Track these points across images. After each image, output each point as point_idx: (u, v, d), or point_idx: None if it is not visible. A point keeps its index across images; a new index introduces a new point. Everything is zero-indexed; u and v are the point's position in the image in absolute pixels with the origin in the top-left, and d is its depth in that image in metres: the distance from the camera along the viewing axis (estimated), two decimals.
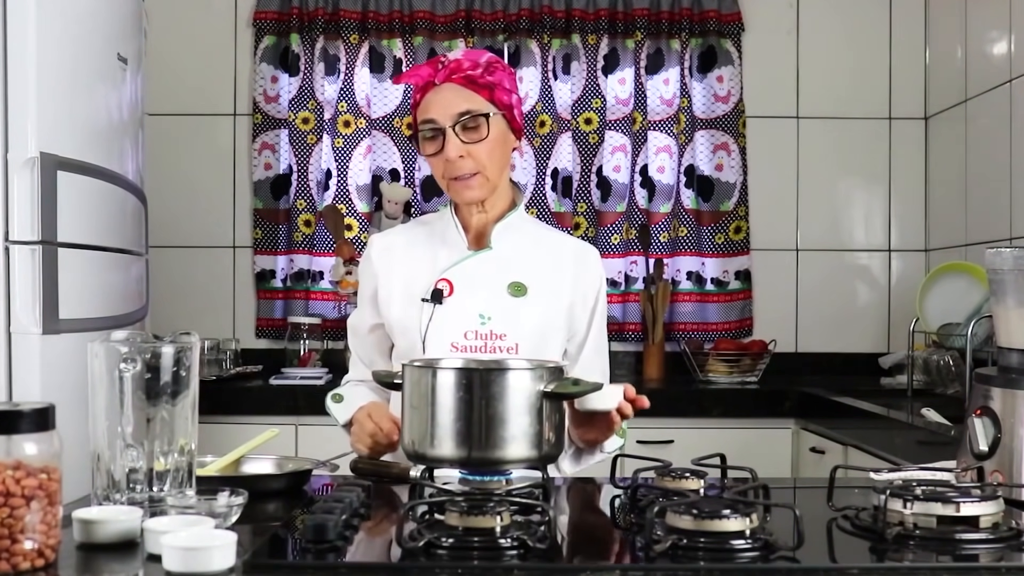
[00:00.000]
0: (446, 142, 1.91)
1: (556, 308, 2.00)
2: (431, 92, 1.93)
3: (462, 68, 1.92)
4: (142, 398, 1.36)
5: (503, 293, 1.97)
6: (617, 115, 3.86)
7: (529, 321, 1.96)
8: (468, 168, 1.92)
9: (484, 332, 1.94)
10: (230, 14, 3.91)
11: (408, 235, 2.10)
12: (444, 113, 1.91)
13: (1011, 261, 1.65)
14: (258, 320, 3.89)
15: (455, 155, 1.91)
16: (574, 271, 2.04)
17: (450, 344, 1.93)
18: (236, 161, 3.91)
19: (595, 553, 1.35)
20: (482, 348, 1.93)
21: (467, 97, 1.92)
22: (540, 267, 2.01)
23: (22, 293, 2.34)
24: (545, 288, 1.99)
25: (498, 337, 1.94)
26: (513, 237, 2.02)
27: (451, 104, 1.91)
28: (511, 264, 1.99)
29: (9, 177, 2.33)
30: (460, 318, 1.94)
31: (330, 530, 1.21)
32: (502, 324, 1.94)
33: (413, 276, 2.00)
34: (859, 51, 3.95)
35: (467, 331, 1.94)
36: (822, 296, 3.95)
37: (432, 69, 1.94)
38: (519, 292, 1.97)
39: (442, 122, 1.91)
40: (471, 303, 1.95)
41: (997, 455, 1.60)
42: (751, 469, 1.55)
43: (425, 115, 1.93)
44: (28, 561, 1.14)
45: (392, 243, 2.08)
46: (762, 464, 1.72)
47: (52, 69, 2.41)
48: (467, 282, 1.96)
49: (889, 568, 1.23)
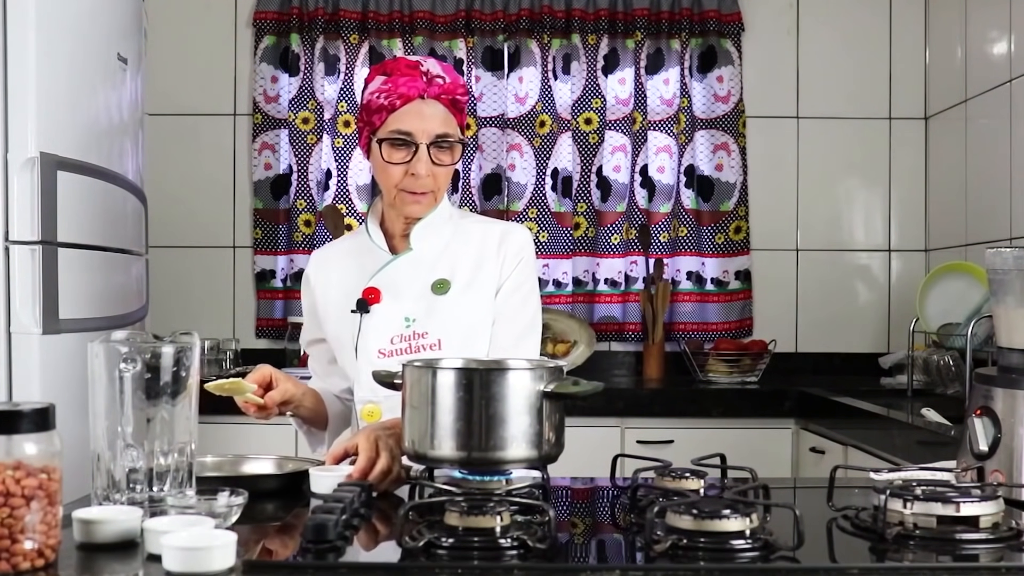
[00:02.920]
0: (417, 158, 1.90)
1: (481, 297, 1.97)
2: (415, 103, 1.90)
3: (452, 90, 1.92)
4: (142, 398, 1.36)
5: (427, 293, 1.96)
6: (617, 115, 3.86)
7: (452, 317, 1.94)
8: (428, 186, 1.92)
9: (407, 334, 1.94)
10: (230, 14, 3.91)
11: (341, 248, 2.12)
12: (423, 130, 1.89)
13: (1011, 261, 1.65)
14: (258, 320, 3.89)
15: (426, 172, 1.90)
16: (498, 257, 2.00)
17: (377, 351, 1.93)
18: (236, 161, 3.91)
19: (595, 553, 1.35)
20: (407, 350, 1.93)
21: (447, 120, 1.92)
22: (463, 261, 1.99)
23: (22, 293, 2.34)
24: (469, 281, 1.97)
25: (420, 336, 1.94)
26: (434, 235, 2.00)
27: (432, 123, 1.90)
28: (433, 263, 1.98)
29: (9, 177, 2.33)
30: (386, 324, 1.95)
31: (330, 530, 1.21)
32: (424, 323, 1.94)
33: (346, 289, 2.00)
34: (859, 51, 3.95)
35: (393, 336, 1.94)
36: (822, 296, 3.95)
37: (423, 82, 1.90)
38: (442, 289, 1.96)
39: (419, 139, 1.90)
40: (396, 307, 1.96)
41: (997, 455, 1.60)
42: (751, 469, 1.55)
43: (401, 125, 1.89)
44: (28, 561, 1.14)
45: (327, 257, 2.10)
46: (762, 464, 1.72)
47: (52, 69, 2.41)
48: (392, 287, 1.97)
49: (889, 568, 1.23)
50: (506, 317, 1.98)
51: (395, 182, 1.92)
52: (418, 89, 1.89)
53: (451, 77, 1.93)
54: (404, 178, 1.91)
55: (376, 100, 1.91)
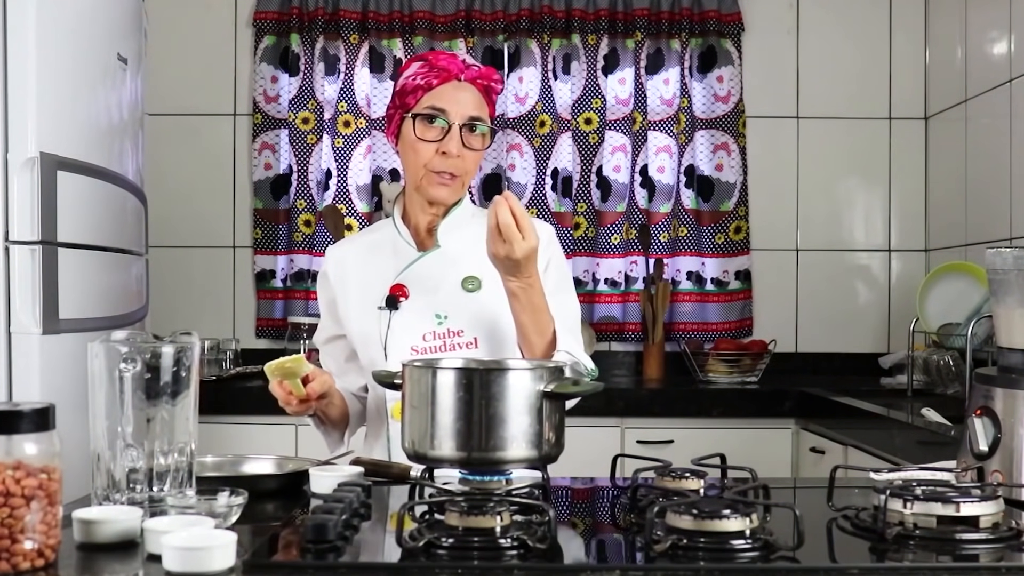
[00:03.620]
0: (449, 136, 1.92)
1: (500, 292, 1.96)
2: (451, 84, 1.94)
3: (488, 77, 1.96)
4: (142, 398, 1.36)
5: (457, 290, 1.97)
6: (617, 115, 3.86)
7: (485, 315, 1.95)
8: (456, 168, 1.94)
9: (441, 331, 1.94)
10: (230, 14, 3.91)
11: (360, 244, 2.10)
12: (458, 111, 1.93)
13: (1011, 261, 1.65)
14: (258, 320, 3.89)
15: (456, 151, 1.92)
16: None
17: (410, 348, 1.93)
18: (236, 161, 3.91)
19: (595, 553, 1.35)
20: (441, 348, 1.93)
21: (480, 105, 1.96)
22: None
23: (22, 293, 2.34)
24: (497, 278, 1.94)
25: (456, 334, 1.94)
26: (461, 233, 2.01)
27: (467, 105, 1.94)
28: (462, 260, 1.99)
29: (9, 177, 2.33)
30: (418, 321, 1.95)
31: (330, 530, 1.21)
32: (458, 321, 1.95)
33: (368, 285, 2.00)
34: (859, 51, 3.95)
35: (425, 333, 1.94)
36: (822, 296, 3.95)
37: (460, 65, 1.95)
38: (473, 287, 1.97)
39: (451, 118, 1.92)
40: (427, 304, 1.96)
41: (997, 455, 1.60)
42: (751, 469, 1.55)
43: (437, 102, 1.93)
44: (28, 561, 1.14)
45: (345, 254, 2.08)
46: (762, 464, 1.72)
47: (52, 69, 2.41)
48: (421, 284, 1.97)
49: (889, 568, 1.23)
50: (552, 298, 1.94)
51: (424, 160, 1.94)
52: (457, 68, 1.94)
53: (488, 70, 1.99)
54: (434, 157, 1.93)
55: (412, 82, 1.95)
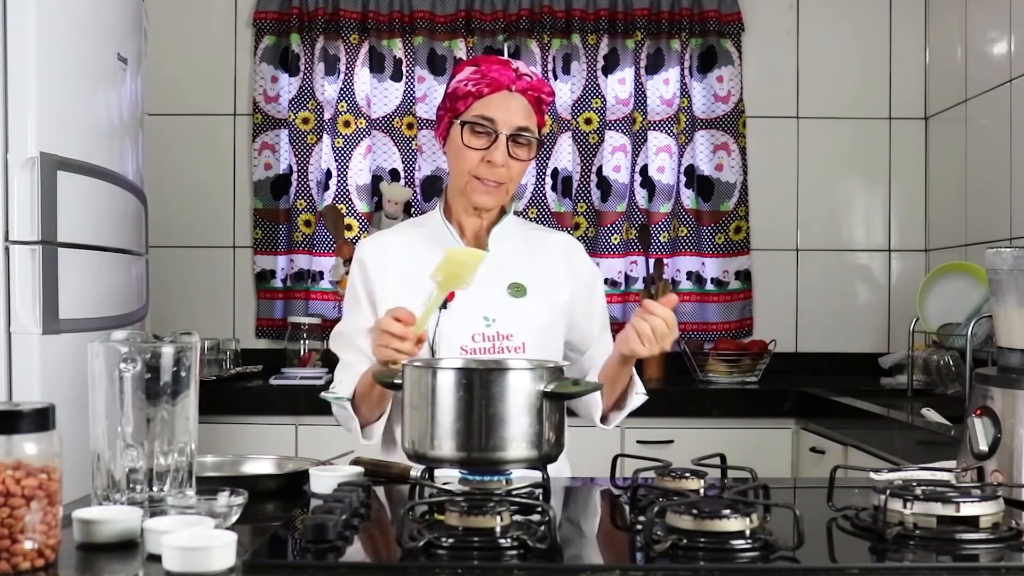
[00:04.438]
0: (496, 145, 1.95)
1: (555, 306, 2.06)
2: (501, 93, 1.96)
3: (539, 88, 1.99)
4: (142, 398, 1.36)
5: (504, 295, 2.01)
6: (617, 115, 3.86)
7: (532, 320, 2.01)
8: (501, 176, 1.98)
9: (490, 334, 1.98)
10: (230, 14, 3.91)
11: (401, 238, 2.09)
12: (507, 120, 1.96)
13: (1011, 261, 1.65)
14: (258, 320, 3.89)
15: (502, 161, 1.96)
16: (567, 267, 2.11)
17: (459, 347, 1.96)
18: (236, 161, 3.91)
19: (595, 553, 1.35)
20: (490, 349, 1.97)
21: (528, 115, 1.99)
22: (535, 267, 2.06)
23: (22, 293, 2.34)
24: (543, 287, 2.05)
25: (505, 337, 1.98)
26: (507, 240, 2.06)
27: (516, 115, 1.97)
28: (508, 266, 2.03)
29: (9, 177, 2.33)
30: (466, 321, 1.97)
31: (330, 530, 1.21)
32: (507, 324, 1.99)
33: (411, 280, 1.98)
34: (859, 51, 3.95)
35: (474, 333, 1.97)
36: (822, 296, 3.95)
37: (513, 75, 1.97)
38: (519, 293, 2.02)
39: (501, 128, 1.95)
40: (474, 306, 1.98)
41: (997, 455, 1.60)
42: (751, 469, 1.55)
43: (486, 111, 1.96)
44: (28, 561, 1.14)
45: (385, 246, 2.07)
46: (762, 464, 1.72)
47: (52, 69, 2.41)
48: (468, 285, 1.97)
49: (889, 568, 1.23)
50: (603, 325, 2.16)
51: (470, 167, 1.97)
52: (509, 78, 1.96)
53: (537, 78, 2.01)
54: (479, 165, 1.97)
55: (464, 87, 1.98)
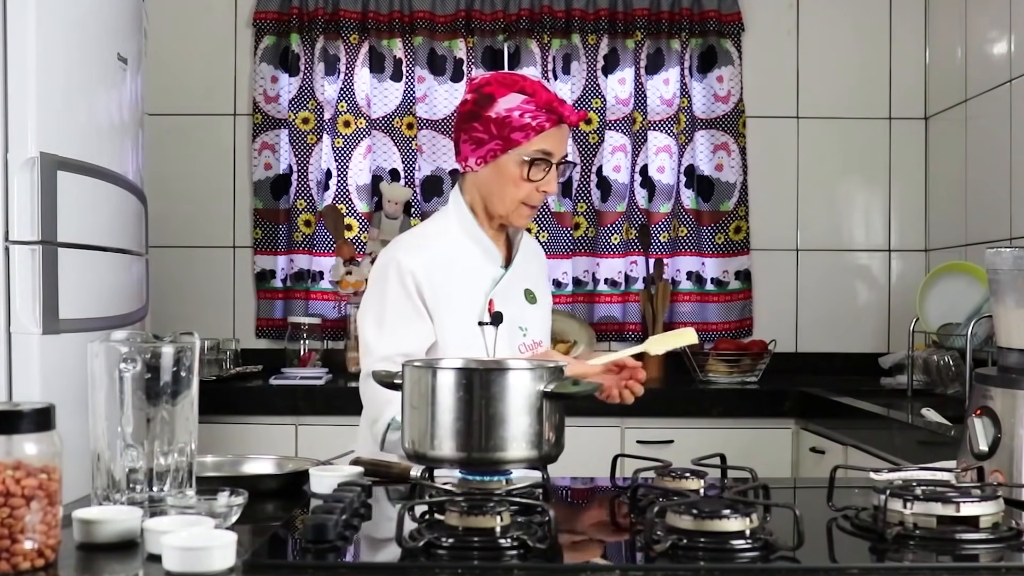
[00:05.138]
0: (550, 176, 2.02)
1: (548, 306, 2.19)
2: (559, 128, 2.02)
3: (582, 118, 2.07)
4: (142, 398, 1.36)
5: (523, 302, 2.10)
6: (617, 115, 3.86)
7: (545, 323, 2.13)
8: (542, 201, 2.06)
9: (528, 343, 2.06)
10: (230, 14, 3.91)
11: (439, 250, 2.05)
12: (559, 151, 2.04)
13: (1011, 261, 1.65)
14: (258, 320, 3.89)
15: (555, 190, 2.04)
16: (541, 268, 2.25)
17: None
18: (236, 161, 3.91)
19: (595, 553, 1.35)
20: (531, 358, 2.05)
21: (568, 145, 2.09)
22: (533, 272, 2.17)
23: (22, 293, 2.34)
24: (540, 290, 2.17)
25: (537, 345, 2.08)
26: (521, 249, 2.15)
27: (565, 146, 2.06)
28: (522, 274, 2.12)
29: (9, 177, 2.33)
30: (510, 334, 2.05)
31: (330, 530, 1.21)
32: (534, 332, 2.09)
33: (461, 297, 2.02)
34: (859, 51, 3.95)
35: (519, 344, 2.06)
36: (822, 296, 3.95)
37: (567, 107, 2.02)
38: (532, 299, 2.11)
39: (556, 159, 2.03)
40: (511, 318, 2.06)
41: (997, 455, 1.60)
42: (751, 469, 1.56)
43: (546, 146, 2.01)
44: (28, 561, 1.14)
45: (431, 260, 2.02)
46: (762, 464, 1.72)
47: (52, 69, 2.41)
48: (503, 298, 2.06)
49: (889, 568, 1.23)
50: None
51: (523, 196, 2.03)
52: (566, 111, 2.00)
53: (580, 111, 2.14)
54: (532, 193, 2.03)
55: (520, 119, 1.97)
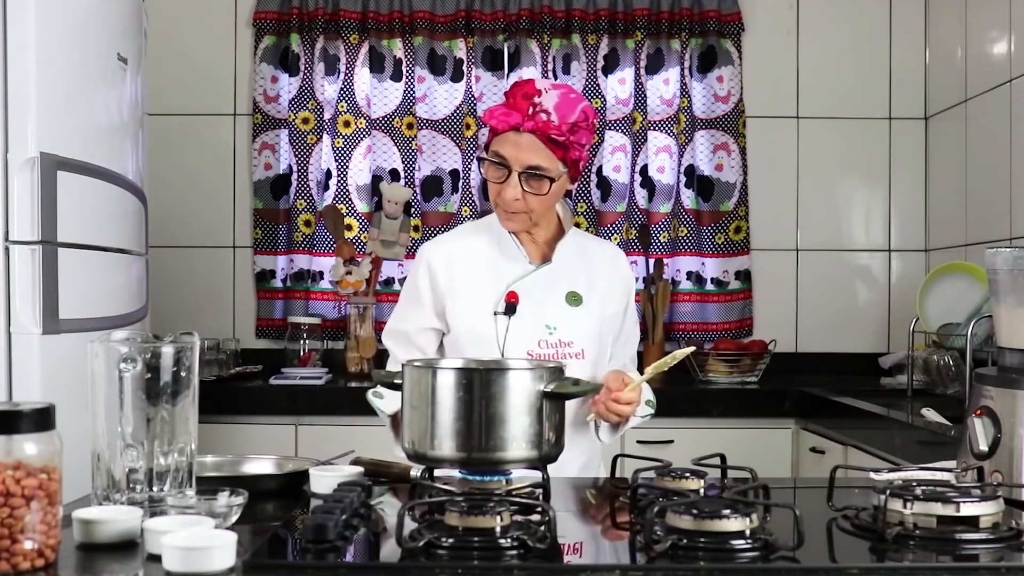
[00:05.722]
0: (508, 182, 2.00)
1: (606, 313, 2.14)
2: (513, 132, 1.99)
3: (549, 129, 1.97)
4: (142, 398, 1.36)
5: (563, 304, 2.09)
6: (617, 115, 3.86)
7: (589, 328, 2.09)
8: (519, 208, 2.03)
9: (553, 341, 2.06)
10: (230, 14, 3.91)
11: (464, 244, 2.15)
12: (517, 159, 1.99)
13: (1011, 261, 1.65)
14: (258, 320, 3.89)
15: (512, 197, 2.01)
16: (616, 279, 2.19)
17: (526, 352, 2.03)
18: (236, 161, 3.91)
19: (595, 553, 1.35)
20: (554, 356, 2.05)
21: (542, 154, 1.99)
22: (589, 277, 2.14)
23: (22, 293, 2.34)
24: (596, 296, 2.13)
25: (566, 345, 2.06)
26: (567, 252, 2.14)
27: (526, 155, 1.99)
28: (566, 276, 2.11)
29: (9, 177, 2.33)
30: (530, 328, 2.05)
31: (330, 530, 1.21)
32: (568, 332, 2.07)
33: (478, 286, 2.07)
34: (859, 51, 3.95)
35: (540, 340, 2.05)
36: (822, 296, 3.95)
37: (521, 116, 1.98)
38: (576, 302, 2.10)
39: (513, 165, 1.99)
40: (537, 314, 2.06)
41: (997, 455, 1.60)
42: (751, 469, 1.56)
43: (499, 149, 2.00)
44: (28, 561, 1.14)
45: (451, 253, 2.12)
46: (762, 464, 1.72)
47: (52, 69, 2.40)
48: (531, 294, 2.07)
49: (889, 568, 1.23)
50: (626, 338, 2.22)
51: (493, 196, 2.06)
52: (510, 123, 1.98)
53: (559, 115, 1.98)
54: (498, 196, 2.04)
55: (490, 119, 2.02)
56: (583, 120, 2.01)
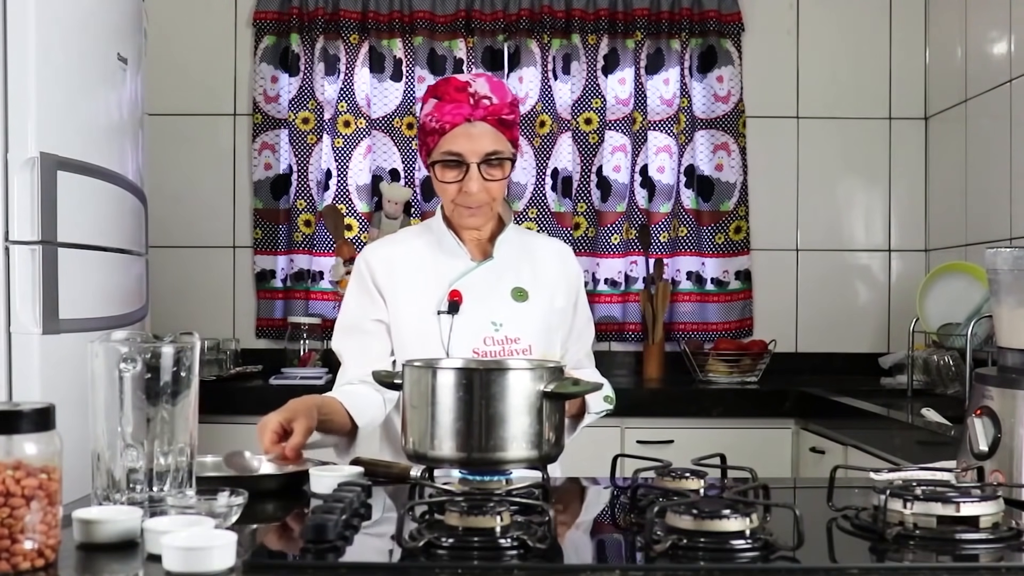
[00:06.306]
0: (468, 176, 1.98)
1: (553, 308, 2.12)
2: (463, 126, 1.97)
3: (499, 111, 1.98)
4: (142, 398, 1.36)
5: (508, 300, 2.07)
6: (617, 115, 3.86)
7: (535, 323, 2.07)
8: (483, 200, 2.01)
9: (499, 337, 2.04)
10: (230, 14, 3.91)
11: (404, 246, 2.14)
12: (473, 151, 1.97)
13: (1011, 261, 1.65)
14: (258, 320, 3.89)
15: (477, 190, 1.99)
16: (562, 272, 2.17)
17: (471, 351, 2.02)
18: (236, 161, 3.91)
19: (595, 553, 1.35)
20: (500, 352, 2.03)
21: (496, 139, 1.99)
22: (534, 272, 2.13)
23: (22, 293, 2.34)
24: (542, 291, 2.11)
25: (513, 341, 2.04)
26: (510, 247, 2.12)
27: (481, 144, 1.98)
28: (510, 272, 2.10)
29: (9, 177, 2.33)
30: (476, 326, 2.03)
31: (330, 530, 1.21)
32: (514, 328, 2.05)
33: (419, 286, 2.06)
34: (859, 51, 3.95)
35: (485, 337, 2.03)
36: (822, 296, 3.95)
37: (468, 107, 1.97)
38: (522, 297, 2.08)
39: (469, 158, 1.98)
40: (483, 311, 2.04)
41: (997, 455, 1.60)
42: (751, 469, 1.55)
43: (452, 147, 1.98)
44: (28, 561, 1.14)
45: (391, 255, 2.12)
46: (762, 464, 1.72)
47: (52, 69, 2.41)
48: (475, 292, 2.05)
49: (889, 568, 1.23)
50: (578, 333, 2.19)
51: (451, 198, 2.03)
52: (463, 115, 1.97)
53: (498, 96, 2.00)
54: (458, 195, 2.01)
55: (429, 123, 2.01)
56: (515, 98, 2.05)
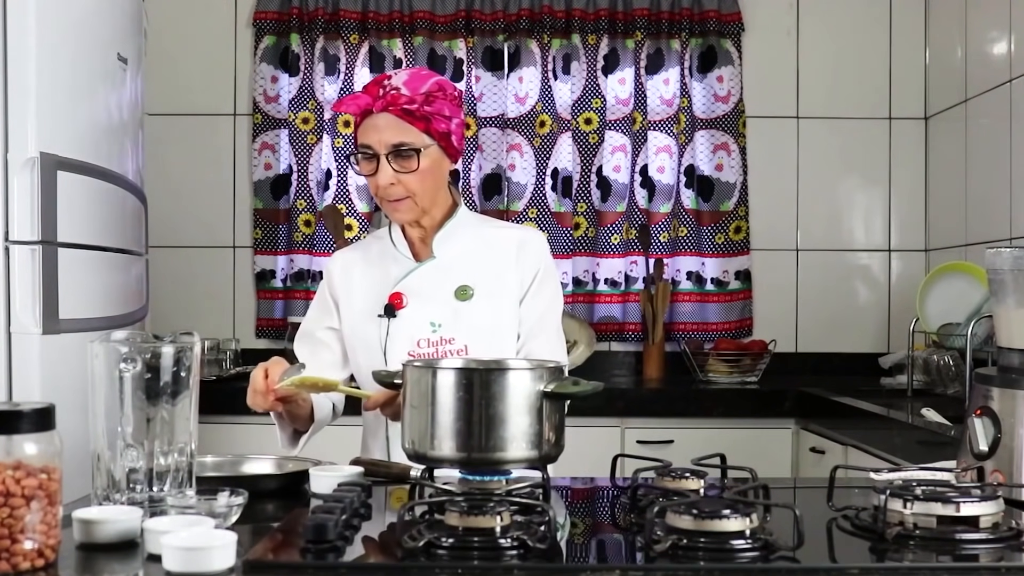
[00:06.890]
0: (379, 168, 1.96)
1: (504, 304, 2.05)
2: (369, 118, 1.97)
3: (399, 101, 1.94)
4: (142, 398, 1.36)
5: (450, 299, 2.04)
6: (617, 115, 3.86)
7: (476, 322, 2.02)
8: (399, 193, 1.98)
9: (435, 339, 2.02)
10: (230, 14, 3.91)
11: (363, 252, 2.15)
12: (379, 142, 1.96)
13: (1011, 261, 1.65)
14: (258, 320, 3.89)
15: (386, 182, 1.97)
16: (517, 262, 2.07)
17: (407, 353, 2.00)
18: (236, 161, 3.91)
19: (595, 553, 1.35)
20: (433, 354, 2.01)
21: (402, 130, 1.95)
22: (484, 268, 2.06)
23: (22, 293, 2.34)
24: (490, 287, 2.05)
25: (447, 342, 2.01)
26: (455, 243, 2.07)
27: (386, 135, 1.95)
28: (455, 270, 2.05)
29: (9, 177, 2.33)
30: (413, 328, 2.02)
31: (330, 530, 1.21)
32: (450, 329, 2.02)
33: (369, 293, 2.07)
34: (859, 51, 3.95)
35: (420, 339, 2.02)
36: (822, 296, 3.95)
37: (371, 97, 1.96)
38: (465, 296, 2.04)
39: (377, 149, 1.96)
40: (422, 313, 2.03)
41: (997, 455, 1.60)
42: (751, 469, 1.55)
43: (363, 139, 1.98)
44: (28, 561, 1.14)
45: (350, 261, 2.13)
46: (762, 464, 1.72)
47: (52, 69, 2.41)
48: (416, 293, 2.04)
49: (889, 568, 1.23)
50: (537, 331, 2.05)
51: (374, 191, 2.01)
52: (359, 106, 1.97)
53: (409, 88, 1.95)
54: (376, 189, 2.00)
55: (339, 108, 2.04)
56: (437, 90, 1.98)
